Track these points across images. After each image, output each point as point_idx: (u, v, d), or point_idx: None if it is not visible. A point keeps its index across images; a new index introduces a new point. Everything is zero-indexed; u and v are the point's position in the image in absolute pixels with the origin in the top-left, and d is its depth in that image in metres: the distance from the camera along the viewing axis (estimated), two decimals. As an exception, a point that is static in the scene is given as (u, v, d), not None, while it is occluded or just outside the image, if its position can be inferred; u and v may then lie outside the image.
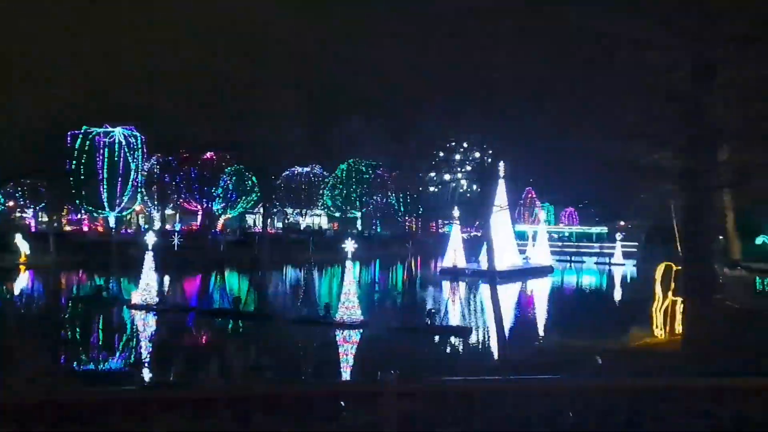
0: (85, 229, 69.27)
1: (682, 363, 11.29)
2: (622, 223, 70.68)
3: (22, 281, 43.94)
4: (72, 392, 6.42)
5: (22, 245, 50.61)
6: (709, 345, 9.90)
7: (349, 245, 25.96)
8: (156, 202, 74.17)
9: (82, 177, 65.90)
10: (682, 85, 11.37)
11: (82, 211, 68.75)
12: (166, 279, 30.49)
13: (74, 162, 66.21)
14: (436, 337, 23.79)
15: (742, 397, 5.36)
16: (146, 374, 18.46)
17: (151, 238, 29.60)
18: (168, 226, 74.19)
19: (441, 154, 29.84)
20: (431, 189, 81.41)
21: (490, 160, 23.04)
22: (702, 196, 11.50)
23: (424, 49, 13.48)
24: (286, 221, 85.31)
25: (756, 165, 12.18)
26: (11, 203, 68.40)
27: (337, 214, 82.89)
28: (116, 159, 67.67)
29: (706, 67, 10.92)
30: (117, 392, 6.72)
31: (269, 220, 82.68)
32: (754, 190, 15.86)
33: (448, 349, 22.58)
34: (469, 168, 24.57)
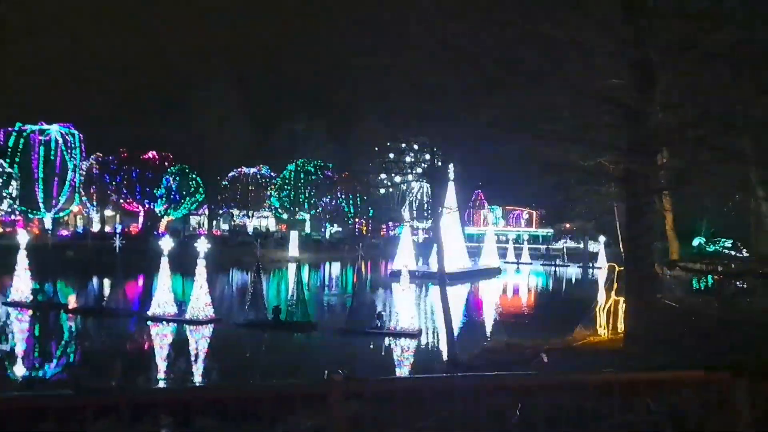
0: (20, 230, 66.32)
1: (624, 359, 11.62)
2: (567, 225, 72.61)
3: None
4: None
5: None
6: (648, 341, 10.22)
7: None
8: (95, 203, 71.54)
9: (16, 176, 63.09)
10: (623, 91, 11.69)
11: (17, 212, 65.73)
12: (107, 282, 29.55)
13: (7, 161, 63.37)
14: (387, 339, 23.79)
15: (678, 390, 5.52)
16: (82, 380, 17.78)
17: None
18: (108, 228, 71.81)
19: (391, 156, 29.98)
20: (381, 191, 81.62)
21: (440, 162, 23.29)
22: (642, 199, 11.85)
23: (368, 52, 13.47)
24: (233, 223, 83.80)
25: (693, 169, 12.65)
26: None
27: (285, 216, 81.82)
28: (53, 158, 65.09)
29: (645, 73, 11.25)
30: (49, 398, 6.39)
31: (215, 222, 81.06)
32: (692, 193, 16.55)
33: (381, 351, 22.63)
34: (419, 170, 24.77)
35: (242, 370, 19.19)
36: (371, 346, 23.03)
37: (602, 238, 57.80)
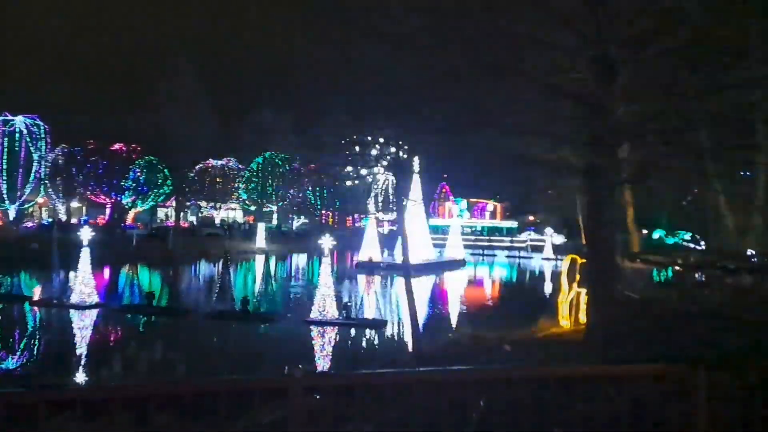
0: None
1: (585, 351, 11.80)
2: (531, 217, 73.54)
3: None
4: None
5: None
6: (609, 333, 10.39)
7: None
8: (61, 195, 70.10)
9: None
10: (584, 85, 11.80)
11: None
12: (73, 274, 29.02)
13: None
14: (352, 330, 23.82)
15: (637, 382, 5.61)
16: (41, 375, 17.36)
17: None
18: (74, 220, 70.38)
19: (357, 148, 29.96)
20: (347, 183, 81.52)
21: (405, 155, 23.30)
22: (603, 192, 12.00)
23: (336, 44, 13.33)
24: (200, 215, 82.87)
25: (653, 162, 12.87)
26: None
27: (253, 208, 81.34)
28: (17, 149, 63.70)
29: (605, 68, 11.36)
30: (1, 394, 6.19)
31: (182, 214, 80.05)
32: (652, 186, 16.87)
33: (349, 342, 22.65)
34: (385, 163, 24.76)
35: (208, 361, 19.06)
36: (336, 337, 23.04)
37: (564, 230, 58.85)
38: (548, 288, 39.53)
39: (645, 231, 40.33)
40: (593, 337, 11.61)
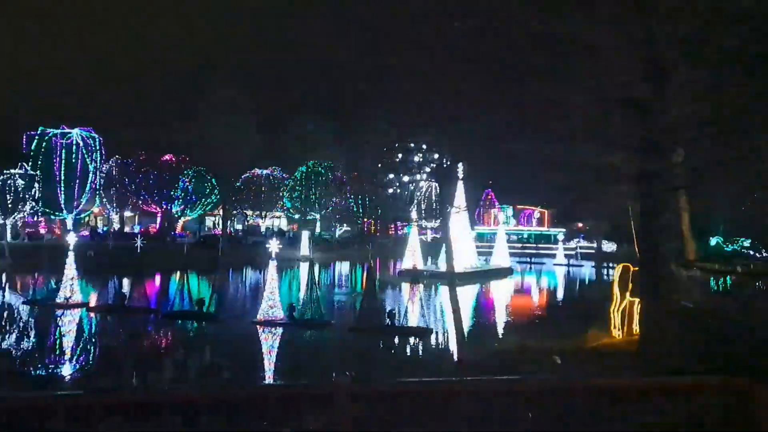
0: (42, 231, 67.27)
1: (639, 362, 11.44)
2: (579, 225, 72.00)
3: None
4: (10, 397, 6.06)
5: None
6: (664, 344, 10.03)
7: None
8: (115, 204, 72.62)
9: (39, 179, 64.25)
10: (634, 88, 11.49)
11: (39, 214, 66.88)
12: (127, 281, 30.00)
13: (30, 164, 64.54)
14: (397, 338, 23.75)
15: (694, 395, 5.37)
16: (98, 378, 17.93)
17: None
18: (127, 228, 72.81)
19: (399, 155, 29.98)
20: (390, 191, 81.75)
21: (448, 161, 23.13)
22: (657, 197, 11.65)
23: (378, 53, 13.36)
24: (246, 223, 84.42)
25: (708, 166, 12.43)
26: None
27: (297, 216, 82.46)
28: (74, 161, 66.29)
29: (657, 69, 11.05)
30: (60, 397, 6.39)
31: (229, 222, 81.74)
32: (708, 191, 16.27)
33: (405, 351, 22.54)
34: (428, 170, 24.69)
35: (254, 366, 19.36)
36: (382, 345, 23.01)
37: (614, 240, 57.10)
38: (599, 297, 38.64)
39: (702, 238, 38.92)
40: (647, 348, 11.24)
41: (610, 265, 55.36)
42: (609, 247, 64.16)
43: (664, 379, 5.84)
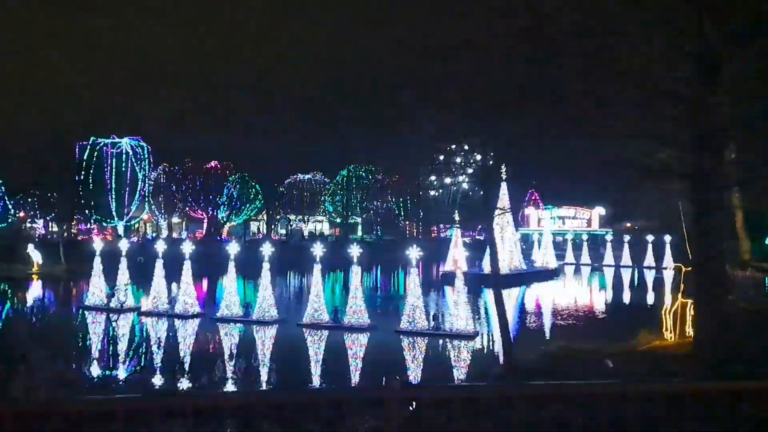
0: (96, 237, 69.88)
1: (693, 365, 11.11)
2: (628, 225, 70.21)
3: (35, 290, 44.22)
4: (70, 400, 6.30)
5: (35, 255, 51.09)
6: (721, 346, 9.72)
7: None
8: (163, 211, 74.62)
9: (91, 187, 66.56)
10: (686, 84, 11.21)
11: (92, 221, 69.30)
12: (176, 286, 30.78)
13: (83, 172, 66.89)
14: (442, 341, 23.68)
15: (754, 401, 5.20)
16: (156, 381, 18.46)
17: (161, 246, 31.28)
18: (175, 234, 74.78)
19: (441, 157, 29.82)
20: (431, 193, 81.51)
21: (491, 162, 22.95)
22: (710, 195, 11.32)
23: (422, 53, 13.39)
24: (290, 228, 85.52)
25: (762, 163, 12.02)
26: (22, 214, 68.76)
27: (339, 220, 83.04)
28: (124, 169, 68.43)
29: (708, 65, 10.75)
30: (118, 400, 6.58)
31: (273, 227, 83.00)
32: (762, 188, 15.70)
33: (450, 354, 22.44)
34: (470, 171, 24.54)
35: (301, 368, 19.62)
36: (427, 347, 22.98)
37: (668, 238, 55.13)
38: (649, 298, 37.65)
39: (756, 237, 37.49)
40: (703, 351, 10.91)
41: (662, 266, 53.78)
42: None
43: (724, 384, 5.66)
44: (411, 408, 5.15)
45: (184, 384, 17.84)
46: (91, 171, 67.62)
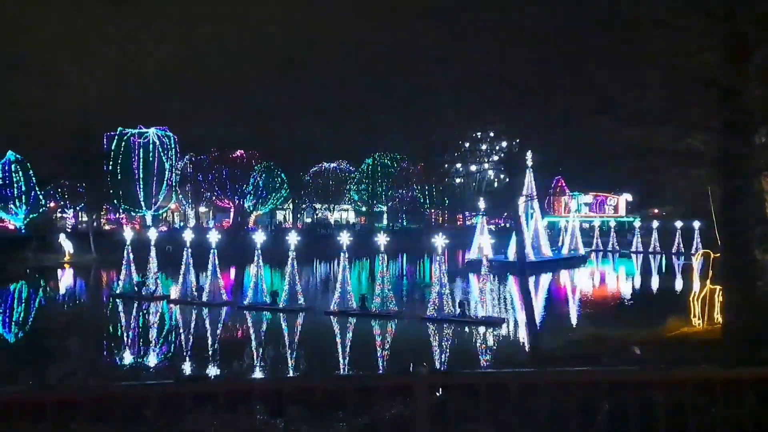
0: (125, 227, 71.14)
1: (722, 352, 11.01)
2: (656, 211, 69.10)
3: (67, 279, 45.35)
4: (105, 387, 6.52)
5: (66, 244, 52.33)
6: (749, 333, 9.62)
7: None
8: (190, 200, 75.43)
9: (119, 177, 67.61)
10: (715, 68, 11.00)
11: (120, 210, 70.48)
12: (204, 275, 31.32)
13: (111, 163, 67.92)
14: (468, 328, 23.75)
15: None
16: (186, 368, 18.86)
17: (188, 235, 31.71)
18: (203, 224, 75.68)
19: (467, 144, 29.65)
20: (457, 180, 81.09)
21: (517, 149, 22.80)
22: (739, 181, 11.13)
23: (446, 40, 13.34)
24: (316, 216, 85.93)
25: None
26: (52, 204, 70.25)
27: (364, 209, 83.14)
28: (151, 159, 69.27)
29: (738, 48, 10.53)
30: (151, 386, 6.78)
31: (299, 216, 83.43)
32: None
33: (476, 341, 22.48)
34: (495, 158, 24.39)
35: (329, 355, 19.90)
36: (453, 334, 23.07)
37: (696, 224, 54.20)
38: (677, 285, 37.15)
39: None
40: (731, 337, 10.80)
41: (690, 252, 52.92)
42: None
43: (754, 370, 5.63)
44: (438, 394, 5.23)
45: (214, 370, 18.20)
46: (119, 161, 68.59)
